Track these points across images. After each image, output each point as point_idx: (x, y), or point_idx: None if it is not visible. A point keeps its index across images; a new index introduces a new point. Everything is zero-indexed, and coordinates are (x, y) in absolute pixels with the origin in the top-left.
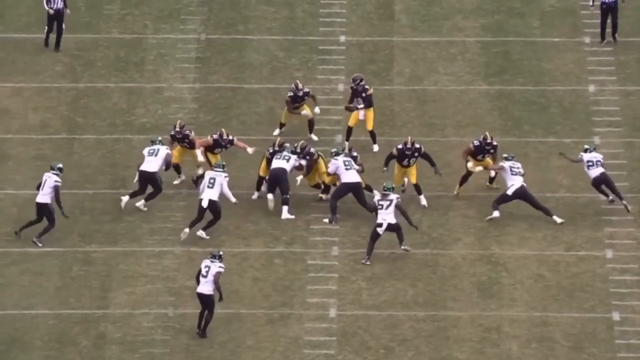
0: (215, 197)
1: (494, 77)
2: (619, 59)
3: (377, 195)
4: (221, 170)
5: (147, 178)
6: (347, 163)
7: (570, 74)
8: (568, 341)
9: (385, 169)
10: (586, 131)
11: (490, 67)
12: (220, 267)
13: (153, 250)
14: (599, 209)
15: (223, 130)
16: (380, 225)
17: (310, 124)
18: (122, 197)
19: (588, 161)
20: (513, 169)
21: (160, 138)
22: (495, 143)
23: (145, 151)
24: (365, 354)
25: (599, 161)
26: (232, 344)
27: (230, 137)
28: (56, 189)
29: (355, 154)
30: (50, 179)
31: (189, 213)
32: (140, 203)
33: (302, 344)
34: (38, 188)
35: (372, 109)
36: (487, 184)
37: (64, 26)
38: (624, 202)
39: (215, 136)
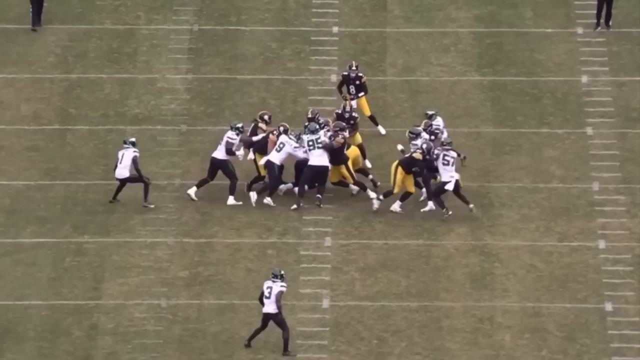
0: (275, 160)
1: (487, 68)
2: (612, 50)
3: (437, 149)
4: (295, 141)
5: (217, 165)
6: (311, 143)
7: (563, 64)
8: (561, 332)
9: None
10: (579, 122)
11: (483, 58)
12: (282, 286)
13: (146, 241)
14: (591, 199)
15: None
16: (448, 182)
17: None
18: (189, 191)
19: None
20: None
21: (240, 125)
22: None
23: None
24: (359, 345)
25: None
26: (225, 335)
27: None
28: (134, 160)
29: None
30: (129, 152)
31: (181, 204)
32: (231, 200)
33: (295, 335)
34: (114, 169)
35: (363, 96)
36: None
37: (44, 3)
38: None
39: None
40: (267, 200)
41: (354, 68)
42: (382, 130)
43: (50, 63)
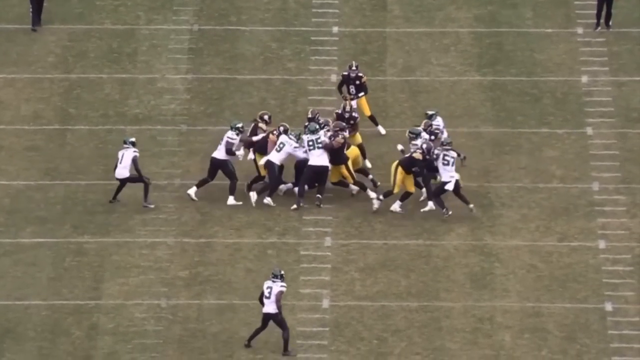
0: (275, 160)
1: (487, 68)
2: (612, 50)
3: (437, 149)
4: (295, 141)
5: (217, 165)
6: (311, 143)
7: (563, 64)
8: (561, 332)
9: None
10: (579, 122)
11: (483, 57)
12: (282, 286)
13: (146, 241)
14: (591, 199)
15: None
16: (448, 182)
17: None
18: (189, 191)
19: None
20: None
21: (240, 125)
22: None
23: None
24: (358, 345)
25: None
26: (225, 335)
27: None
28: (134, 160)
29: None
30: (129, 152)
31: (181, 204)
32: (231, 200)
33: (295, 335)
34: (115, 169)
35: (363, 95)
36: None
37: (44, 3)
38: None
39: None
40: (267, 200)
41: (354, 68)
42: (382, 130)
43: (50, 63)
